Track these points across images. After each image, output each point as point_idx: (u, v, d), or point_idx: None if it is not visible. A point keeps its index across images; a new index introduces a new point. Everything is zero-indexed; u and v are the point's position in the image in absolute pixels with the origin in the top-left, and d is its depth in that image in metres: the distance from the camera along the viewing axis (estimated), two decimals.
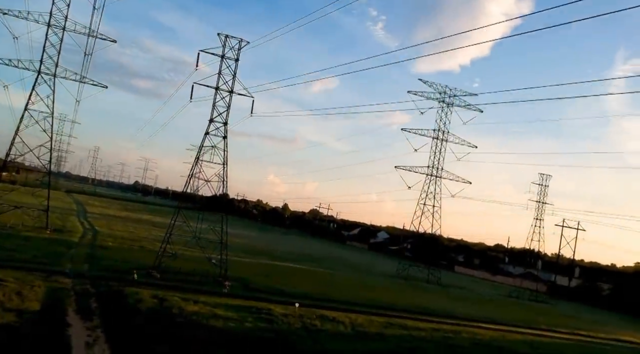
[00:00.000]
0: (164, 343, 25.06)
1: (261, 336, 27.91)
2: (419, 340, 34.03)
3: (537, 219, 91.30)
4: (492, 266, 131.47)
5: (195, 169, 42.19)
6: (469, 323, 44.54)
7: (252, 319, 31.88)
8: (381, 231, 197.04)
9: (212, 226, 46.94)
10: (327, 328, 33.08)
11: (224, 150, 42.63)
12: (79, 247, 52.27)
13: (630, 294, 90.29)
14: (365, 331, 34.06)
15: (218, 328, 28.72)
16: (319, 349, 27.58)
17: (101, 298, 32.17)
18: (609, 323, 65.50)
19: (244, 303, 36.52)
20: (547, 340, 42.91)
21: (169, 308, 31.04)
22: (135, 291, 33.86)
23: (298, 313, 35.37)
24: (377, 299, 49.01)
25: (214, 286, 40.94)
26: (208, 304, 33.52)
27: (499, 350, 34.53)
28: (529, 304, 77.56)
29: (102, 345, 24.07)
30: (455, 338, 36.70)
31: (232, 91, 43.53)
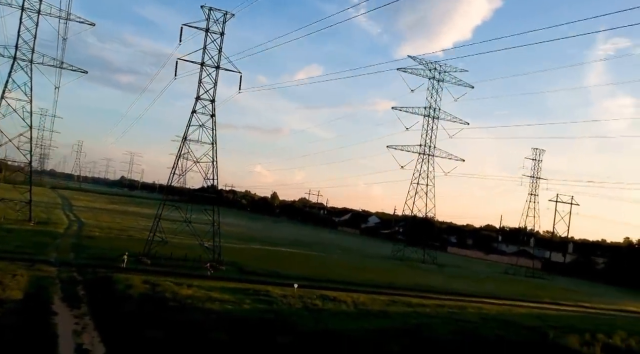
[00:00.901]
0: (157, 328, 23.40)
1: (261, 317, 26.34)
2: (425, 316, 32.69)
3: (531, 195, 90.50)
4: (485, 246, 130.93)
5: (183, 149, 40.26)
6: (472, 298, 43.38)
7: (250, 301, 30.30)
8: (372, 216, 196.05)
9: (204, 209, 45.09)
10: (329, 307, 31.62)
11: (213, 129, 40.73)
12: (64, 238, 50.26)
13: (625, 268, 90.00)
14: (368, 309, 32.64)
15: (215, 310, 27.09)
16: (322, 329, 26.05)
17: (89, 286, 30.40)
18: (607, 295, 64.88)
19: (240, 285, 34.94)
20: (553, 313, 41.85)
21: (161, 293, 29.34)
22: (125, 277, 32.10)
23: (297, 293, 33.84)
24: (376, 280, 47.64)
25: (207, 271, 39.25)
26: (202, 288, 31.86)
27: (507, 324, 33.26)
28: (526, 280, 76.81)
29: (91, 333, 22.45)
30: (461, 313, 35.45)
31: (219, 66, 41.54)
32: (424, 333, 28.12)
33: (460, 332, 29.28)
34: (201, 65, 41.21)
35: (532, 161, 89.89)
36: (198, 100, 41.07)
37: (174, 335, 22.55)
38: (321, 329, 25.94)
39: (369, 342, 25.17)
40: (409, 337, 27.01)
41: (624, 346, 27.74)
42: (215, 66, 41.46)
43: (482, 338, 28.48)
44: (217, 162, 40.58)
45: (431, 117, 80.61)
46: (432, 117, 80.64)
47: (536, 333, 31.01)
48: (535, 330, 32.03)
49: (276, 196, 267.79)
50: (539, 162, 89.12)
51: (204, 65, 41.16)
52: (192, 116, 40.64)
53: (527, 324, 33.94)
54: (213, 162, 40.69)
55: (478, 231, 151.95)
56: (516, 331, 31.19)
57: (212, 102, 41.43)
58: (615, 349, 26.83)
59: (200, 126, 40.70)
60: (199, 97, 41.17)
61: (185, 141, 40.39)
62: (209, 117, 41.11)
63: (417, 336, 27.28)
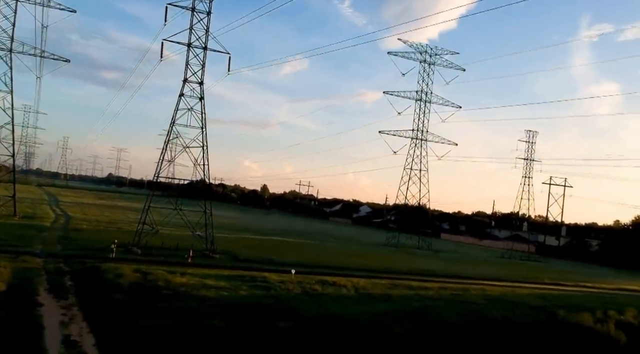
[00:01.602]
0: (151, 317, 22.09)
1: (260, 303, 25.08)
2: (428, 299, 31.61)
3: (525, 177, 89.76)
4: (478, 231, 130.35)
5: (171, 134, 38.64)
6: (473, 281, 42.43)
7: (247, 287, 29.02)
8: (363, 206, 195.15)
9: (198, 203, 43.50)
10: (329, 292, 30.43)
11: (202, 112, 39.13)
12: (50, 231, 48.62)
13: (619, 249, 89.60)
14: (369, 293, 31.48)
15: (210, 297, 25.78)
16: (323, 313, 24.84)
17: (76, 276, 28.95)
18: (605, 276, 64.23)
19: (235, 273, 33.64)
20: (556, 293, 40.97)
21: (153, 281, 27.94)
22: (114, 267, 30.65)
23: (295, 279, 32.59)
24: (373, 265, 46.51)
25: (200, 259, 37.88)
26: (196, 276, 30.53)
27: (513, 304, 32.25)
28: (523, 263, 76.13)
29: (79, 324, 21.10)
30: (464, 295, 34.43)
31: (206, 47, 39.89)
32: (428, 315, 27.05)
33: (465, 314, 28.22)
34: (188, 46, 39.57)
35: (525, 143, 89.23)
36: (186, 82, 39.47)
37: (168, 324, 21.26)
38: (323, 314, 24.75)
39: (372, 326, 24.05)
40: (413, 320, 25.92)
41: (637, 322, 26.81)
42: (202, 47, 39.83)
43: (488, 319, 27.43)
44: (207, 146, 39.11)
45: (423, 101, 79.48)
46: (424, 101, 79.52)
47: (543, 313, 30.07)
48: (542, 310, 31.09)
49: (266, 188, 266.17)
50: (532, 144, 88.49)
51: (191, 46, 39.54)
52: (179, 99, 39.06)
53: (532, 304, 32.97)
54: (203, 147, 39.15)
55: (470, 217, 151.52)
56: (523, 311, 30.21)
57: (201, 84, 39.85)
58: (628, 326, 25.88)
59: (189, 110, 39.12)
60: (187, 79, 39.57)
61: (174, 126, 38.74)
62: (197, 100, 39.55)
63: (421, 319, 26.20)
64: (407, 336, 23.51)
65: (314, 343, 20.98)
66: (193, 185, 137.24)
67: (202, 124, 39.09)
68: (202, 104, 39.48)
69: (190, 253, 37.15)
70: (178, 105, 38.76)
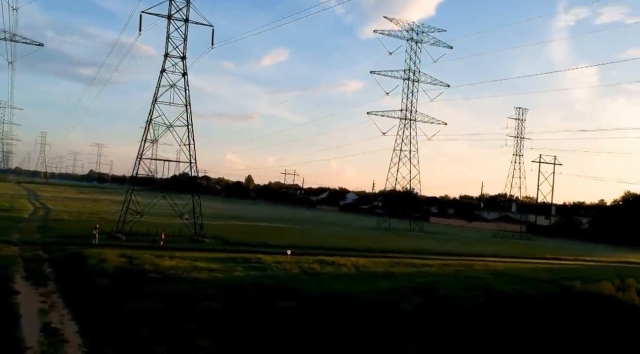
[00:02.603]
0: (138, 300, 20.24)
1: (258, 283, 23.28)
2: (432, 275, 30.03)
3: (516, 155, 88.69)
4: (467, 214, 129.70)
5: (153, 113, 36.39)
6: (474, 258, 41.07)
7: (242, 268, 27.17)
8: (350, 193, 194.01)
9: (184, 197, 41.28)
10: (329, 270, 28.70)
11: (185, 89, 36.91)
12: (29, 222, 46.21)
13: (610, 225, 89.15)
14: (370, 271, 29.83)
15: (203, 279, 23.90)
16: (326, 292, 23.11)
17: (56, 263, 26.85)
18: (602, 251, 63.41)
19: (227, 255, 31.73)
20: (561, 267, 39.76)
21: (140, 265, 25.97)
22: (97, 252, 28.58)
23: (292, 260, 30.79)
24: (369, 246, 44.95)
25: (189, 244, 35.90)
26: (186, 259, 28.58)
27: (521, 278, 30.87)
28: (516, 242, 75.19)
29: (60, 311, 19.17)
30: (468, 270, 32.95)
31: (188, 19, 37.62)
32: (437, 290, 25.46)
33: (474, 288, 26.69)
34: (168, 18, 37.27)
35: (515, 121, 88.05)
36: (167, 57, 37.19)
37: (158, 307, 19.38)
38: (325, 292, 23.03)
39: (379, 302, 22.42)
40: (422, 295, 24.35)
41: None
42: (183, 19, 37.54)
43: (499, 293, 25.94)
44: (192, 125, 36.96)
45: (411, 81, 77.72)
46: (411, 81, 77.74)
47: (555, 285, 28.67)
48: (552, 282, 29.68)
49: (251, 179, 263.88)
50: (522, 121, 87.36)
51: (172, 19, 37.24)
52: (161, 76, 36.73)
53: (541, 277, 31.61)
54: (188, 125, 37.00)
55: (458, 200, 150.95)
56: (533, 284, 28.77)
57: (183, 59, 37.55)
58: None
59: (172, 86, 36.88)
60: (168, 54, 37.28)
61: (156, 104, 36.47)
62: (180, 76, 37.30)
63: (430, 294, 24.63)
64: (416, 312, 21.96)
65: (318, 322, 19.30)
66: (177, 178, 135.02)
67: (185, 102, 36.95)
68: (185, 80, 37.31)
69: (162, 235, 34.98)
70: (160, 81, 36.56)
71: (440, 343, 18.11)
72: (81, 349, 15.37)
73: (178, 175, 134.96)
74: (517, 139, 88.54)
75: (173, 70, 37.17)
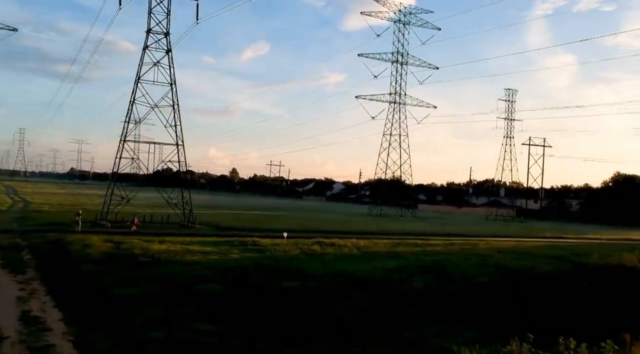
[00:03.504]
0: (129, 285, 18.40)
1: (258, 264, 21.50)
2: (439, 254, 28.44)
3: (507, 137, 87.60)
4: (456, 200, 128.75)
5: (136, 94, 34.20)
6: (475, 238, 39.59)
7: (238, 251, 25.38)
8: (336, 183, 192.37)
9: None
10: (330, 251, 27.02)
11: (170, 66, 34.78)
12: (7, 213, 43.86)
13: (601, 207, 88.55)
14: (374, 251, 28.21)
15: (198, 262, 22.11)
16: (331, 271, 21.38)
17: (36, 250, 24.80)
18: (598, 230, 62.46)
19: (221, 239, 29.90)
20: (566, 244, 38.45)
21: (128, 250, 24.06)
22: (81, 238, 26.64)
23: (289, 242, 29.03)
24: (365, 229, 43.37)
25: (179, 230, 33.94)
26: (178, 243, 26.71)
27: (529, 255, 29.45)
28: (510, 224, 74.12)
29: (41, 298, 17.24)
30: (474, 249, 31.51)
31: None
32: (447, 269, 23.86)
33: (485, 265, 25.20)
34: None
35: (505, 102, 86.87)
36: (149, 34, 34.99)
37: (151, 291, 17.58)
38: (331, 272, 21.31)
39: (389, 281, 20.88)
40: (432, 273, 22.78)
41: None
42: None
43: (513, 270, 24.44)
44: (178, 105, 34.87)
45: (399, 63, 75.90)
46: (400, 63, 75.91)
47: (567, 261, 27.32)
48: (563, 259, 28.34)
49: (235, 172, 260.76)
50: (512, 103, 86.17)
51: None
52: (143, 53, 34.56)
53: (550, 254, 30.23)
54: (174, 105, 34.91)
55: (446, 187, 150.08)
56: (545, 261, 27.39)
57: (167, 35, 35.41)
58: None
59: (155, 64, 34.72)
60: (150, 30, 35.08)
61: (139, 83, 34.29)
62: (164, 53, 35.13)
63: (440, 272, 23.06)
64: (428, 289, 20.42)
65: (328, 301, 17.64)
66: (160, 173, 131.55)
67: (170, 80, 34.81)
68: (169, 57, 35.12)
69: (135, 220, 32.89)
70: (142, 59, 34.35)
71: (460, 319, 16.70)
72: (66, 337, 13.56)
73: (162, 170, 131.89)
74: (507, 121, 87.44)
75: (156, 47, 35.05)
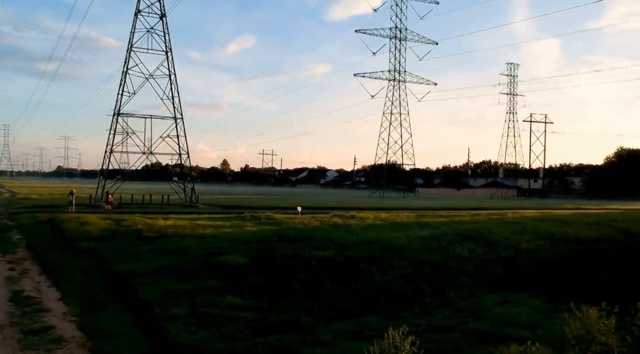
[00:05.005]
0: (132, 261, 15.96)
1: (283, 234, 18.97)
2: (471, 223, 26.01)
3: (510, 113, 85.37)
4: (455, 182, 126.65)
5: (129, 63, 31.29)
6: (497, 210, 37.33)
7: (253, 224, 22.83)
8: (330, 171, 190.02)
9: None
10: (353, 223, 24.44)
11: (164, 32, 31.86)
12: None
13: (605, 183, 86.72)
14: (400, 222, 25.68)
15: (211, 235, 19.54)
16: (364, 240, 18.88)
17: (26, 230, 22.30)
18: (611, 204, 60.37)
19: (231, 215, 27.26)
20: (596, 213, 36.18)
21: (130, 226, 21.44)
22: (76, 216, 24.06)
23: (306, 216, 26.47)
24: (378, 205, 40.89)
25: (182, 209, 31.29)
26: (183, 219, 24.07)
27: (564, 223, 27.09)
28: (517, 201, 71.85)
29: (35, 278, 15.05)
30: (504, 218, 29.19)
31: None
32: (487, 236, 21.44)
33: (524, 232, 22.81)
34: None
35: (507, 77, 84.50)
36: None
37: (161, 266, 15.15)
38: (364, 240, 18.82)
39: (429, 249, 18.45)
40: (472, 241, 20.38)
41: None
42: None
43: (558, 237, 22.15)
44: (175, 75, 32.01)
45: (398, 39, 73.07)
46: (398, 39, 73.09)
47: (609, 228, 25.15)
48: (604, 225, 26.18)
49: (227, 163, 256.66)
50: (514, 77, 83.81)
51: None
52: (135, 18, 31.61)
53: (588, 221, 27.93)
54: (170, 75, 32.06)
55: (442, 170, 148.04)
56: (585, 227, 25.16)
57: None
58: None
59: (149, 31, 31.82)
60: None
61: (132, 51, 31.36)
62: (157, 18, 32.20)
63: (480, 240, 20.67)
64: (473, 256, 18.15)
65: (371, 270, 15.27)
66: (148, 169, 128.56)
67: (166, 48, 31.90)
68: (164, 22, 32.17)
69: (109, 197, 29.96)
70: (134, 25, 31.41)
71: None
72: (67, 317, 11.16)
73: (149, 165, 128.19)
74: (510, 96, 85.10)
75: (149, 12, 32.09)
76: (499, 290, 15.44)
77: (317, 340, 9.78)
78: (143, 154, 33.06)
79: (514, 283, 16.28)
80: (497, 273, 17.04)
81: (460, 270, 16.70)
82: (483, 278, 16.56)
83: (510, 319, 11.80)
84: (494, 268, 17.43)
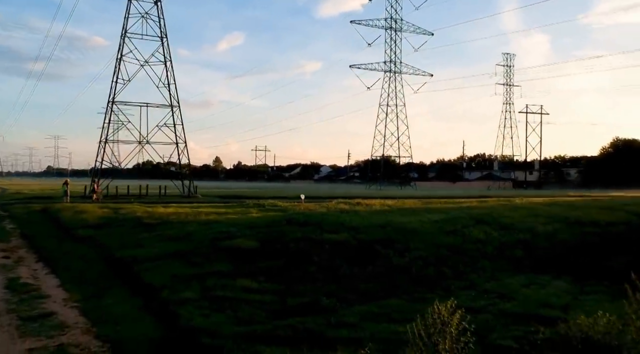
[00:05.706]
0: (134, 247, 15.13)
1: (291, 218, 18.09)
2: (482, 209, 25.21)
3: (506, 104, 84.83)
4: (450, 176, 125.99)
5: (123, 49, 30.22)
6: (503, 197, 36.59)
7: (257, 211, 21.95)
8: (324, 166, 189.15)
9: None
10: (360, 209, 23.57)
11: (159, 17, 30.80)
12: None
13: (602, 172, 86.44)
14: (408, 208, 24.83)
15: (216, 221, 18.61)
16: (376, 223, 18.04)
17: (19, 219, 21.33)
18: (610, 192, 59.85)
19: (233, 204, 26.36)
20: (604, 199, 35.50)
21: (129, 214, 20.49)
22: (71, 206, 23.03)
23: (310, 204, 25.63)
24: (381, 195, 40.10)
25: (180, 199, 30.33)
26: (184, 208, 23.12)
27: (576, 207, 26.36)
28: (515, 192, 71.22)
29: (31, 265, 14.29)
30: (513, 203, 28.40)
31: None
32: (500, 219, 20.69)
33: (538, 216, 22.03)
34: None
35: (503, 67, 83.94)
36: None
37: (165, 252, 14.33)
38: (376, 224, 17.98)
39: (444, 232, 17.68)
40: (487, 225, 19.59)
41: None
42: None
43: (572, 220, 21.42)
44: (171, 62, 31.00)
45: (393, 30, 72.10)
46: (394, 30, 72.14)
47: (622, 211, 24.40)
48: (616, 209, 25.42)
49: (219, 160, 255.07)
50: (510, 68, 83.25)
51: None
52: (129, 3, 30.49)
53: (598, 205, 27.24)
54: (166, 62, 31.04)
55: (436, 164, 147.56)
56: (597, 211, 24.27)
57: None
58: None
59: (143, 16, 30.74)
60: None
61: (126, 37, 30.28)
62: (152, 3, 31.13)
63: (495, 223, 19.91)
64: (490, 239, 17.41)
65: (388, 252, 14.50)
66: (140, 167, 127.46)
67: (161, 33, 30.84)
68: (158, 7, 31.12)
69: (96, 187, 28.83)
70: (129, 9, 30.28)
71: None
72: (69, 304, 10.35)
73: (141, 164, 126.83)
74: (507, 87, 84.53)
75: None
76: (521, 272, 14.89)
77: (341, 322, 9.23)
78: (139, 143, 31.82)
79: (534, 265, 15.74)
80: (517, 255, 16.42)
81: (479, 252, 16.08)
82: (503, 260, 15.96)
83: (540, 301, 11.22)
84: (513, 251, 16.77)
